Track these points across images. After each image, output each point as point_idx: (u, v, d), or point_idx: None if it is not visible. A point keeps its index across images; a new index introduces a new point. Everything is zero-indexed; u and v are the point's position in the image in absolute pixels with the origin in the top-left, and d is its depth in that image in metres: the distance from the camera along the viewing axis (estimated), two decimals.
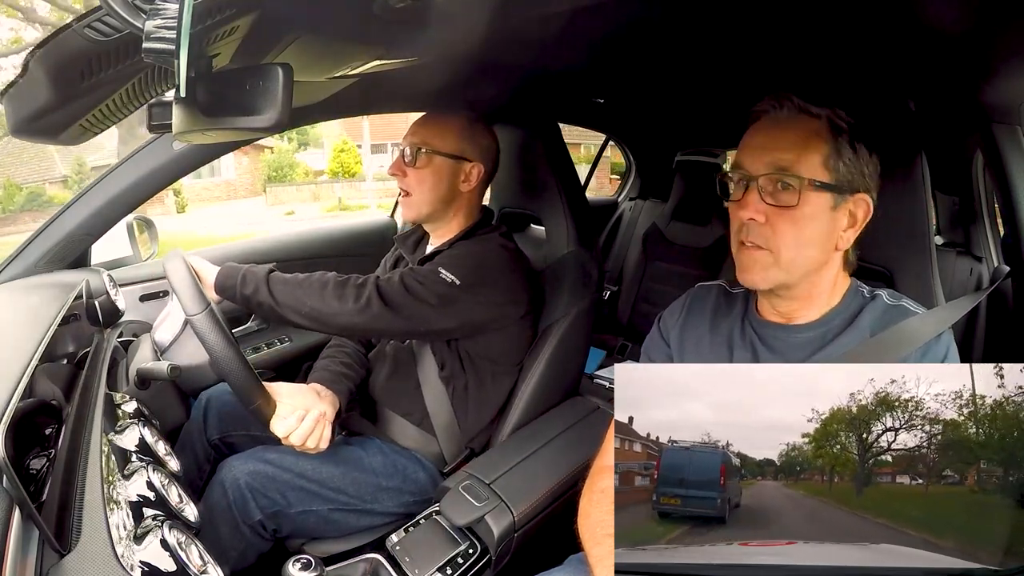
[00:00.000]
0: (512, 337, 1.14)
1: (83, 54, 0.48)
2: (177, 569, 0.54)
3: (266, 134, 0.57)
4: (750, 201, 0.69)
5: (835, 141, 0.68)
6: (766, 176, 0.68)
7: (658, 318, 0.89)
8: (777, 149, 0.68)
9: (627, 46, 0.95)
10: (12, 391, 0.59)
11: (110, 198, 1.12)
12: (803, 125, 0.69)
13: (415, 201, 1.10)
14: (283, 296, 0.95)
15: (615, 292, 2.42)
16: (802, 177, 0.67)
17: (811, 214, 0.68)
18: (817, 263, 0.71)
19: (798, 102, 0.70)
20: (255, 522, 0.96)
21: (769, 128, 0.71)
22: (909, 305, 0.73)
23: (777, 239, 0.69)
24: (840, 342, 0.72)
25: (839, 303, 0.75)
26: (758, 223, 0.69)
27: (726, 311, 0.83)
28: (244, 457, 1.00)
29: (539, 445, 1.09)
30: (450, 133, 1.09)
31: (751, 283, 0.72)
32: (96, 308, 1.04)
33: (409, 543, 0.94)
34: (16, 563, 0.46)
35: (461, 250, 1.08)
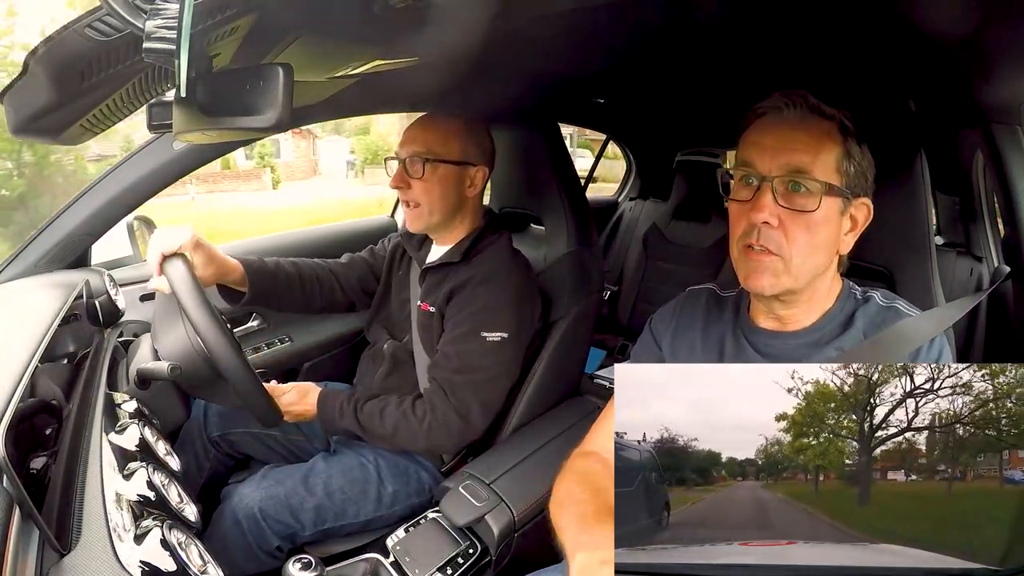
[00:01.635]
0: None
1: (83, 54, 0.48)
2: (177, 569, 0.54)
3: (266, 134, 0.57)
4: (764, 203, 0.66)
5: (845, 143, 0.67)
6: (780, 178, 0.66)
7: (649, 321, 0.87)
8: (793, 150, 0.66)
9: (628, 46, 0.95)
10: (12, 391, 0.59)
11: (110, 198, 1.12)
12: (816, 126, 0.67)
13: (424, 212, 1.07)
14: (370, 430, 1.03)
15: (615, 292, 2.42)
16: (819, 180, 0.65)
17: (824, 219, 0.66)
18: (822, 268, 0.70)
19: (813, 101, 0.67)
20: (273, 548, 0.97)
21: (780, 127, 0.68)
22: (902, 307, 0.72)
23: (790, 244, 0.66)
24: (835, 346, 0.71)
25: (832, 306, 0.73)
26: (771, 226, 0.66)
27: (717, 316, 0.81)
28: (253, 484, 1.00)
29: (539, 445, 1.09)
30: (453, 139, 1.06)
31: (758, 289, 0.69)
32: (96, 308, 1.04)
33: (409, 543, 0.94)
34: (16, 563, 0.46)
35: (487, 294, 1.05)
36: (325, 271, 1.24)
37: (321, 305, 1.24)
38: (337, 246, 1.77)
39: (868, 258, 0.87)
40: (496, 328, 1.03)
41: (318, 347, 1.57)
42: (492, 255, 1.10)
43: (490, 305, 1.04)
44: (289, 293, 1.17)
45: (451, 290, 1.06)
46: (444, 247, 1.13)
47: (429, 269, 1.12)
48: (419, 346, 1.13)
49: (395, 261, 1.25)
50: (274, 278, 1.14)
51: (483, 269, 1.07)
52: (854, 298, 0.74)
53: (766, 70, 1.06)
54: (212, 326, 0.82)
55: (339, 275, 1.25)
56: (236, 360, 0.84)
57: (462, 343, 1.03)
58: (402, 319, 1.19)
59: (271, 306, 1.22)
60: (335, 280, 1.24)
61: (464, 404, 1.01)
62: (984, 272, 1.68)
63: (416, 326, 1.14)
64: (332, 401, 1.05)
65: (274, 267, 1.16)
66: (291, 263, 1.20)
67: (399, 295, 1.21)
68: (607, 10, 0.72)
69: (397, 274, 1.23)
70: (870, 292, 0.74)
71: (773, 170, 0.66)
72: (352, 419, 1.03)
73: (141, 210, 1.22)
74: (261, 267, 1.13)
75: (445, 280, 1.09)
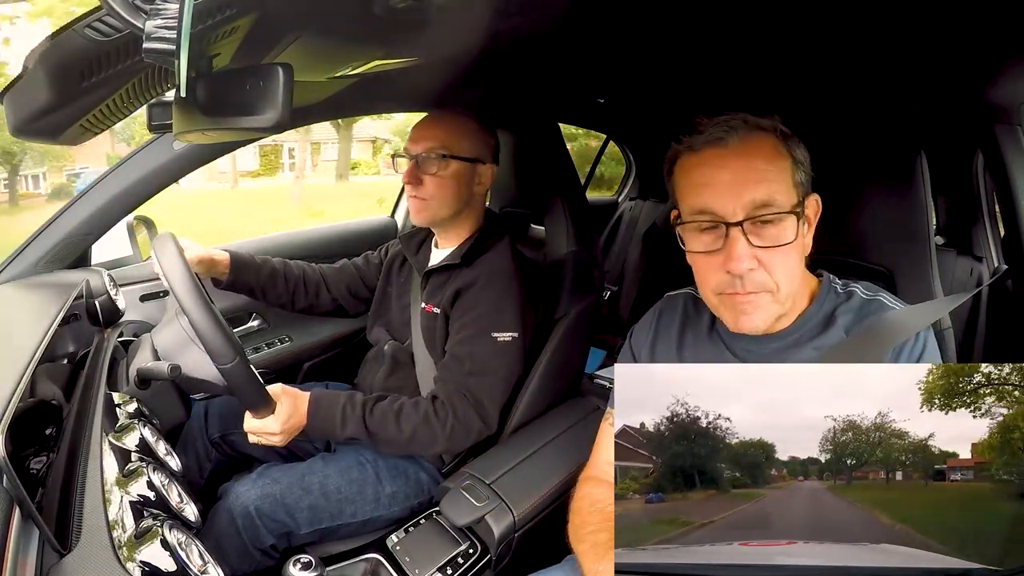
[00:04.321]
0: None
1: (83, 54, 0.48)
2: (177, 569, 0.54)
3: (266, 134, 0.57)
4: (739, 252, 0.62)
5: (790, 151, 0.64)
6: (749, 220, 0.62)
7: (629, 333, 0.87)
8: (755, 182, 0.61)
9: (628, 46, 0.95)
10: (12, 391, 0.59)
11: (110, 198, 1.12)
12: (762, 146, 0.63)
13: (432, 207, 1.07)
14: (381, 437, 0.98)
15: (615, 292, 2.42)
16: (787, 208, 0.62)
17: (792, 237, 0.63)
18: (800, 277, 0.68)
19: (750, 119, 0.63)
20: (267, 547, 0.96)
21: (727, 160, 0.63)
22: (885, 299, 0.70)
23: (775, 277, 0.63)
24: (813, 346, 0.69)
25: (810, 306, 0.71)
26: (752, 270, 0.63)
27: (695, 321, 0.79)
28: (249, 482, 0.99)
29: (539, 445, 1.08)
30: (466, 136, 1.07)
31: (752, 329, 0.66)
32: (96, 308, 1.04)
33: (409, 543, 0.94)
34: (16, 563, 0.46)
35: (494, 295, 1.05)
36: (313, 272, 1.30)
37: (305, 304, 1.29)
38: (337, 246, 1.78)
39: (868, 258, 0.87)
40: (505, 328, 1.03)
41: (318, 347, 1.57)
42: (495, 257, 1.10)
43: (498, 306, 1.04)
44: (272, 287, 1.23)
45: (456, 292, 1.06)
46: (446, 250, 1.14)
47: (432, 272, 1.12)
48: (421, 348, 1.13)
49: (395, 266, 1.26)
50: (258, 270, 1.21)
51: (487, 271, 1.07)
52: (835, 293, 0.72)
53: (766, 70, 1.06)
54: (198, 304, 0.80)
55: (327, 278, 1.30)
56: (220, 335, 0.80)
57: (473, 344, 1.03)
58: (403, 322, 1.19)
59: (255, 296, 1.26)
60: (322, 282, 1.30)
61: (482, 405, 1.01)
62: (984, 272, 1.68)
63: (419, 328, 1.14)
64: (328, 410, 0.95)
65: (260, 260, 1.24)
66: (280, 260, 1.27)
67: (400, 299, 1.22)
68: (607, 10, 0.72)
69: (398, 279, 1.24)
70: (852, 286, 0.72)
71: (739, 212, 0.62)
72: (358, 425, 0.96)
73: (141, 210, 1.22)
74: (247, 258, 1.21)
75: (448, 282, 1.09)
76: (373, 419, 0.97)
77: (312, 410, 0.95)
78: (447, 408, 1.00)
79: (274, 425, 0.89)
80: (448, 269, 1.10)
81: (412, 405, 1.00)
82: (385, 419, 0.97)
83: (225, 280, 1.18)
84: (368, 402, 0.98)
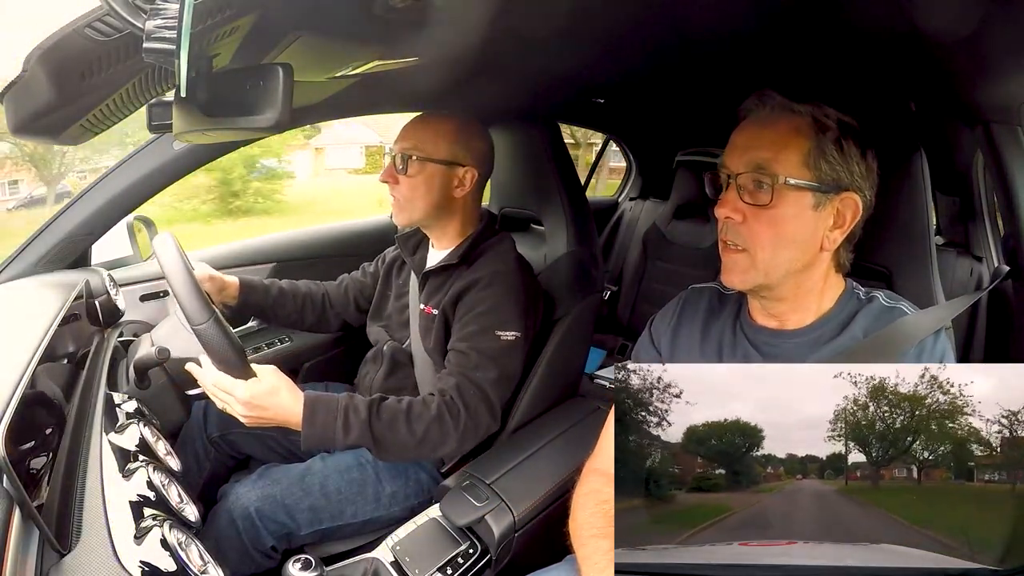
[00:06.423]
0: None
1: (83, 54, 0.48)
2: (177, 569, 0.55)
3: (266, 134, 0.57)
4: (728, 199, 0.69)
5: (818, 138, 0.67)
6: (745, 174, 0.68)
7: (650, 321, 0.88)
8: (757, 147, 0.68)
9: (628, 46, 0.95)
10: (12, 391, 0.59)
11: (110, 198, 1.12)
12: (785, 122, 0.68)
13: (407, 208, 1.07)
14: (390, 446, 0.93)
15: (615, 292, 2.42)
16: (776, 175, 0.66)
17: (789, 214, 0.67)
18: (799, 264, 0.70)
19: (781, 99, 0.69)
20: (267, 548, 0.96)
21: (752, 126, 0.71)
22: (906, 307, 0.71)
23: (752, 239, 0.68)
24: (832, 346, 0.71)
25: (833, 307, 0.73)
26: (735, 222, 0.69)
27: (719, 314, 0.81)
28: (249, 483, 0.99)
29: (539, 445, 1.08)
30: (442, 138, 1.05)
31: (730, 284, 0.72)
32: (96, 308, 1.04)
33: (409, 543, 0.93)
34: (16, 563, 0.46)
35: (496, 295, 1.04)
36: (318, 290, 1.34)
37: (312, 322, 1.33)
38: (337, 246, 1.78)
39: (868, 258, 0.87)
40: (508, 328, 1.03)
41: (318, 347, 1.57)
42: (495, 257, 1.09)
43: (501, 305, 1.04)
44: (281, 307, 1.27)
45: (458, 293, 1.06)
46: (443, 251, 1.13)
47: (430, 273, 1.12)
48: (419, 348, 1.13)
49: (393, 268, 1.26)
50: (266, 291, 1.25)
51: (488, 271, 1.06)
52: (856, 299, 0.74)
53: (767, 71, 1.06)
54: (190, 291, 0.79)
55: (331, 296, 1.34)
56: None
57: (477, 341, 1.02)
58: (401, 322, 1.19)
59: (264, 318, 1.32)
60: (327, 300, 1.33)
61: (490, 402, 1.01)
62: (984, 272, 1.68)
63: (417, 329, 1.14)
64: (324, 416, 0.88)
65: (268, 283, 1.28)
66: (286, 281, 1.31)
67: (399, 300, 1.22)
68: (607, 10, 0.72)
69: (396, 281, 1.25)
70: (874, 293, 0.74)
71: (739, 167, 0.69)
72: (363, 432, 0.89)
73: (141, 210, 1.22)
74: (255, 282, 1.25)
75: (448, 283, 1.09)
76: (381, 422, 0.90)
77: (308, 414, 0.87)
78: (457, 403, 0.97)
79: (241, 391, 0.82)
80: (447, 270, 1.10)
81: (421, 403, 0.96)
82: (395, 420, 0.91)
83: (236, 303, 1.21)
84: (373, 403, 0.92)
